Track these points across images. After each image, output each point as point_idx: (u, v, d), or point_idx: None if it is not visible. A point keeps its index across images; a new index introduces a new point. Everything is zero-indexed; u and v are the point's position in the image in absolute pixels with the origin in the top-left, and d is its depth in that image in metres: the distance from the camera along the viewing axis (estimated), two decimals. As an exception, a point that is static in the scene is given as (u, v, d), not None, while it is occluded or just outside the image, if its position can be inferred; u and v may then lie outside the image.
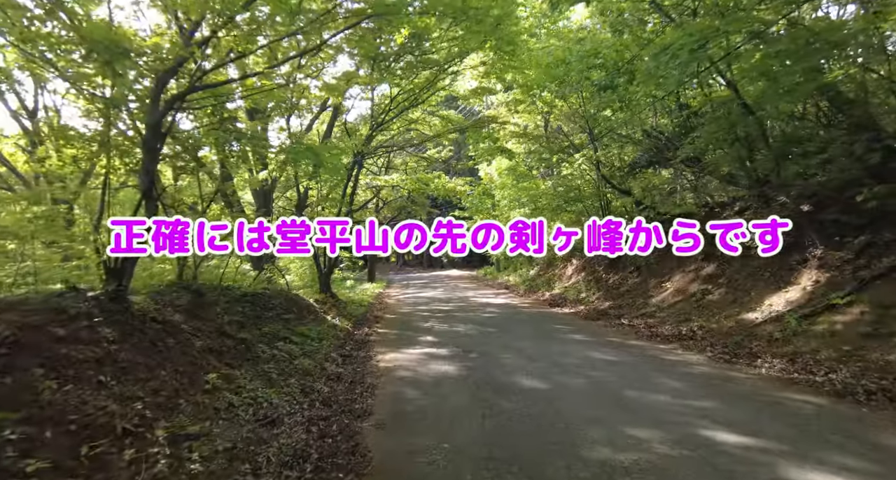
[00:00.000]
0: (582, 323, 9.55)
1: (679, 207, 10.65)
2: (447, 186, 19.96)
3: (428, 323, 10.14)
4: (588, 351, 6.87)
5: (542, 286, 16.14)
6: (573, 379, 5.40)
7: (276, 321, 7.27)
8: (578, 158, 10.16)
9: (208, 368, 4.41)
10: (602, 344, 7.34)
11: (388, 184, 19.41)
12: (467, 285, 20.53)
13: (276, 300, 8.10)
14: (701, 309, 8.45)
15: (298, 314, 8.61)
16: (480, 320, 10.37)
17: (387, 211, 26.89)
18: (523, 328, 9.23)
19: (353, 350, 7.61)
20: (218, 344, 4.99)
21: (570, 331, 8.60)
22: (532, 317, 10.55)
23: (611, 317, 9.84)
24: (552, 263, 17.90)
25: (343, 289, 17.51)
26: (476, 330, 9.06)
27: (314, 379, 5.60)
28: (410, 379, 5.72)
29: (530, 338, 8.04)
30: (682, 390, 4.88)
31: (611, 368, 5.87)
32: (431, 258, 38.83)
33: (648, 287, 10.83)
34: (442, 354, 7.07)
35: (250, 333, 6.02)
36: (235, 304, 6.49)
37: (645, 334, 8.01)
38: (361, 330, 9.50)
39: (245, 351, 5.44)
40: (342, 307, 11.71)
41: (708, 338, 7.10)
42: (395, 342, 8.32)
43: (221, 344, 5.05)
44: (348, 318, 10.60)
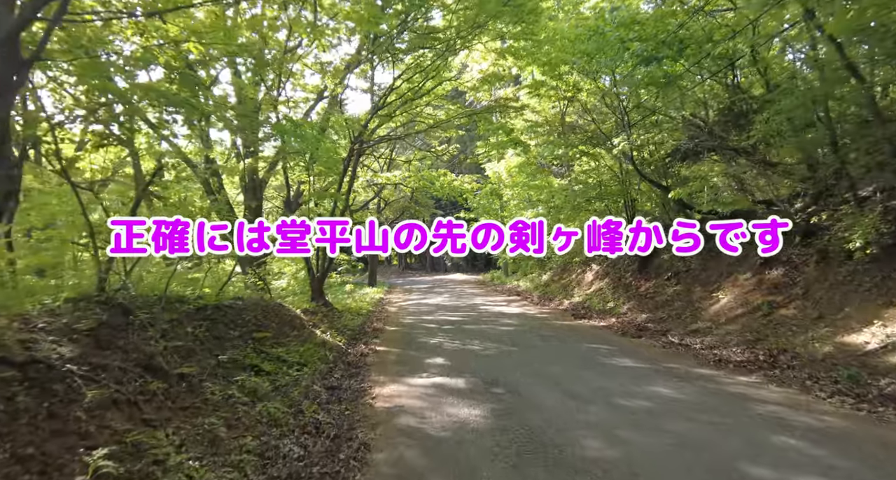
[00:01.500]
0: (621, 341, 7.85)
1: (729, 205, 8.95)
2: (453, 184, 18.31)
3: (435, 339, 8.45)
4: (650, 385, 5.17)
5: (559, 293, 14.43)
6: (655, 440, 3.69)
7: (245, 342, 5.58)
8: (618, 143, 8.48)
9: (101, 437, 2.73)
10: (662, 374, 5.63)
11: (391, 182, 17.76)
12: (474, 290, 18.83)
13: (250, 313, 6.41)
14: (774, 327, 6.74)
15: (279, 330, 6.93)
16: (497, 335, 8.67)
17: (389, 212, 25.25)
18: (552, 347, 7.53)
19: (343, 378, 5.91)
20: (135, 388, 3.30)
21: (611, 353, 6.90)
22: (558, 332, 8.85)
23: (654, 334, 8.14)
24: (567, 268, 16.21)
25: (341, 295, 15.83)
26: (494, 350, 7.36)
27: (283, 432, 3.92)
28: (418, 435, 4.02)
29: (565, 362, 6.35)
30: (841, 468, 3.18)
31: (696, 416, 4.17)
32: (435, 261, 37.14)
33: (693, 296, 9.13)
34: (457, 387, 5.37)
35: (200, 364, 4.34)
36: (186, 323, 4.81)
37: (709, 359, 6.31)
38: (356, 349, 7.81)
39: (184, 395, 3.77)
40: (336, 318, 10.02)
41: (800, 368, 5.41)
42: (396, 366, 6.63)
43: (142, 387, 3.37)
44: (342, 332, 8.91)
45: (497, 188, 20.42)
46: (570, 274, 15.46)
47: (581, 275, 14.63)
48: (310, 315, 9.25)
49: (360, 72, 14.19)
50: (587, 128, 11.34)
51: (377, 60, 10.22)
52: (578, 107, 11.90)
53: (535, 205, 17.36)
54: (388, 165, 20.27)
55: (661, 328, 8.44)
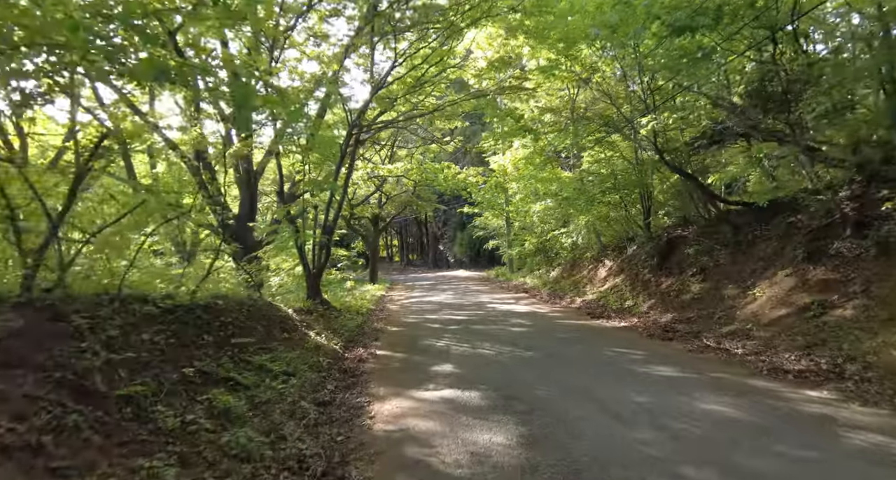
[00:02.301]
0: (649, 345, 6.95)
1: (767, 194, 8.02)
2: (457, 178, 17.42)
3: (441, 342, 7.56)
4: (702, 402, 4.27)
5: (570, 290, 13.52)
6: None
7: (221, 350, 4.69)
8: (646, 123, 7.54)
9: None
10: (711, 387, 4.74)
11: (392, 175, 16.84)
12: (479, 287, 17.93)
13: (230, 315, 5.52)
14: (830, 331, 5.81)
15: (266, 333, 6.04)
16: (510, 337, 7.78)
17: (390, 207, 24.34)
18: (574, 351, 6.63)
19: (337, 391, 5.04)
20: (44, 424, 2.41)
21: (642, 359, 6.00)
22: (576, 334, 7.95)
23: (684, 336, 7.23)
24: (578, 263, 15.30)
25: (341, 292, 14.95)
26: (510, 355, 6.47)
27: (255, 470, 3.03)
28: (427, 473, 3.14)
29: (593, 371, 5.45)
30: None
31: (777, 448, 3.27)
32: (437, 257, 36.27)
33: (724, 294, 8.21)
34: (471, 403, 4.49)
35: (157, 381, 3.45)
36: (144, 328, 3.91)
37: (759, 367, 5.41)
38: (354, 353, 6.93)
39: (126, 425, 2.88)
40: (333, 317, 9.13)
41: (878, 381, 4.50)
42: (398, 374, 5.74)
43: (57, 421, 2.48)
44: (339, 333, 8.02)
45: (502, 181, 19.50)
46: (581, 271, 14.54)
47: (593, 272, 13.71)
48: (304, 314, 8.37)
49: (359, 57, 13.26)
50: (603, 112, 10.38)
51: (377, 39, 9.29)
52: (593, 91, 10.94)
53: (544, 198, 16.45)
54: (390, 158, 19.35)
55: (691, 329, 7.53)
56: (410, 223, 39.67)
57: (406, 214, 28.92)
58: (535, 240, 17.84)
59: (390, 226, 35.35)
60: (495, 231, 23.31)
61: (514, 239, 20.51)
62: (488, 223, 22.90)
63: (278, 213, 9.76)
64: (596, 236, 14.55)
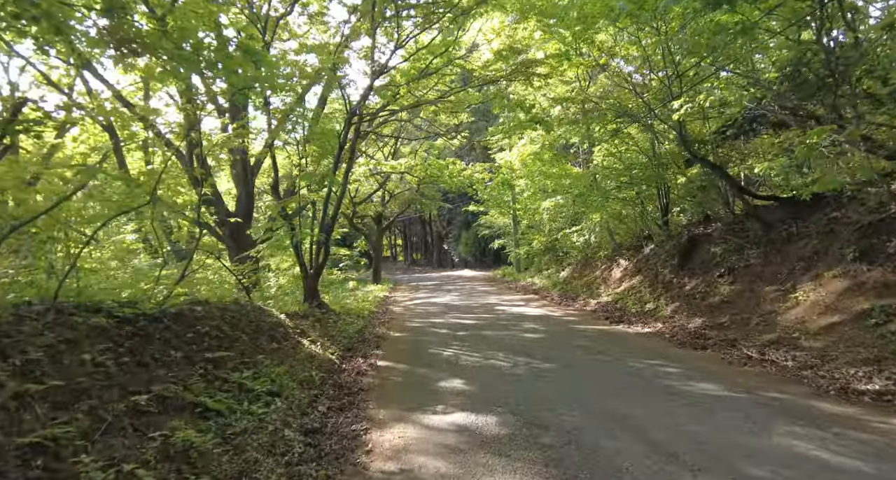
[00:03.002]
0: (682, 355, 6.13)
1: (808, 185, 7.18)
2: (463, 174, 16.62)
3: (449, 350, 6.78)
4: (770, 436, 3.46)
5: (583, 291, 12.71)
6: None
7: (190, 367, 3.92)
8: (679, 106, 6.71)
9: None
10: (771, 412, 3.92)
11: (395, 171, 16.07)
12: (486, 288, 17.14)
13: (208, 324, 4.75)
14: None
15: (251, 343, 5.28)
16: (524, 345, 6.99)
17: (394, 205, 23.57)
18: (599, 363, 5.83)
19: (329, 414, 4.26)
20: None
21: (679, 373, 5.20)
22: (597, 341, 7.15)
23: (719, 345, 6.41)
24: (590, 263, 14.47)
25: (342, 293, 14.20)
26: (526, 368, 5.67)
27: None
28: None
29: (628, 389, 4.65)
30: None
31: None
32: (441, 256, 35.48)
33: (760, 298, 7.38)
34: (489, 433, 3.70)
35: (92, 416, 2.69)
36: (86, 345, 3.14)
37: (821, 385, 4.58)
38: (353, 364, 6.15)
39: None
40: (331, 322, 8.36)
41: (979, 405, 3.69)
42: (401, 392, 4.96)
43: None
44: (337, 341, 7.25)
45: (509, 178, 18.69)
46: (594, 271, 13.72)
47: (607, 272, 12.89)
48: (299, 320, 7.61)
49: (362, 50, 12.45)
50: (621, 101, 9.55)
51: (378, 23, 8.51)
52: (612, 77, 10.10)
53: (553, 195, 15.63)
54: (394, 154, 18.58)
55: (725, 337, 6.71)
56: (414, 222, 38.91)
57: (410, 213, 28.16)
58: (543, 239, 17.03)
59: (394, 225, 34.63)
60: (501, 230, 22.52)
61: (522, 238, 19.71)
62: (494, 221, 22.11)
63: (273, 210, 9.00)
64: (609, 235, 13.73)
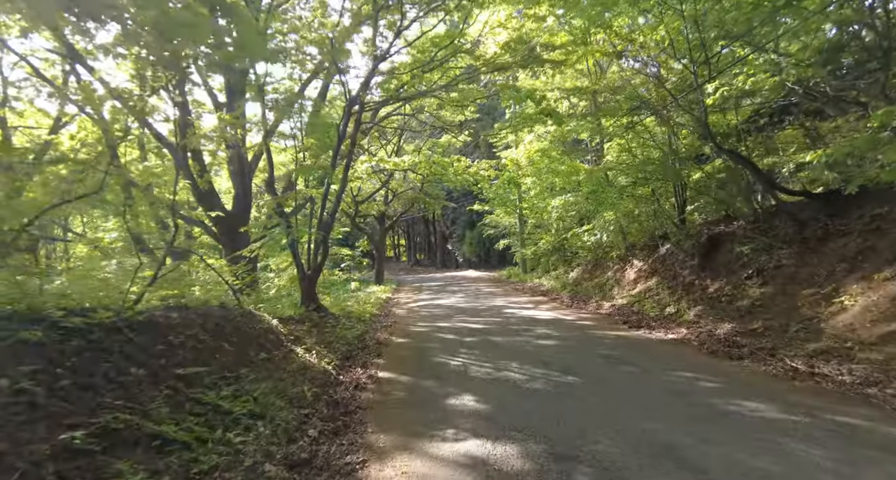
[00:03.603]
0: (718, 367, 5.45)
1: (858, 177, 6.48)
2: (468, 171, 15.98)
3: (457, 359, 6.13)
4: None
5: (595, 293, 12.03)
6: None
7: (154, 387, 3.28)
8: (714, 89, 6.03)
9: None
10: (850, 445, 3.25)
11: (399, 168, 15.42)
12: (492, 289, 16.46)
13: (185, 332, 4.12)
14: (977, 354, 4.32)
15: (236, 353, 4.64)
16: (539, 353, 6.32)
17: (397, 204, 22.94)
18: (626, 375, 5.15)
19: (320, 441, 3.61)
20: None
21: (721, 389, 4.52)
22: (620, 349, 6.47)
23: (756, 354, 5.73)
24: (600, 263, 13.79)
25: (344, 294, 13.58)
26: (545, 381, 5.01)
27: None
28: None
29: (667, 410, 3.98)
30: None
31: None
32: (445, 257, 34.83)
33: (797, 302, 6.70)
34: (511, 470, 3.04)
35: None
36: (8, 367, 2.50)
37: (895, 406, 3.91)
38: (351, 375, 5.51)
39: None
40: (329, 327, 7.72)
41: None
42: (405, 411, 4.31)
43: None
44: (335, 348, 6.61)
45: (515, 176, 18.02)
46: (605, 272, 13.04)
47: (620, 273, 12.21)
48: (294, 324, 6.98)
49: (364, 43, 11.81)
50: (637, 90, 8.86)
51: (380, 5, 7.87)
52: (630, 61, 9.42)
53: (562, 193, 14.95)
54: (397, 152, 17.94)
55: (762, 345, 6.03)
56: (418, 221, 38.29)
57: (413, 212, 27.52)
58: (551, 239, 16.35)
59: (397, 225, 34.01)
60: (507, 229, 21.85)
61: (528, 237, 19.04)
62: (499, 221, 21.43)
63: (267, 206, 8.38)
64: (621, 234, 13.05)
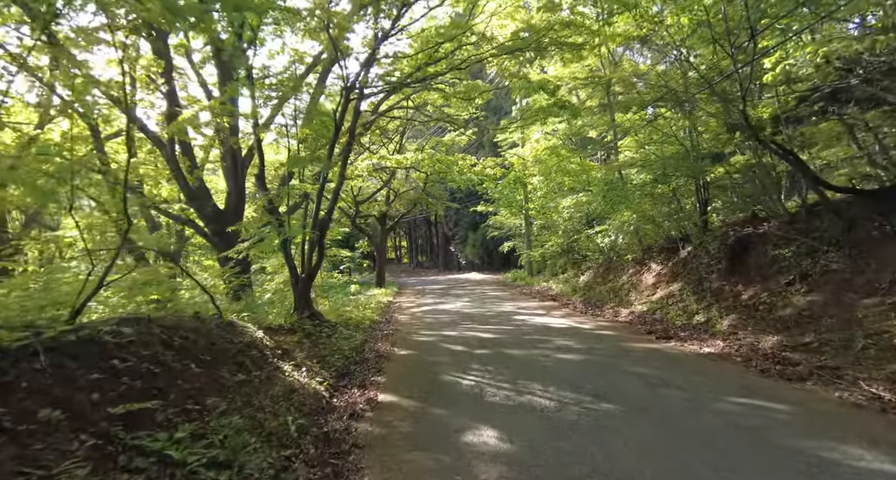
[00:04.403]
0: (777, 390, 4.56)
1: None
2: (473, 170, 15.13)
3: (470, 378, 5.25)
4: None
5: (610, 299, 11.15)
6: None
7: (72, 436, 2.40)
8: (773, 63, 5.15)
9: None
10: None
11: (401, 166, 14.57)
12: (498, 293, 15.59)
13: (140, 352, 3.23)
14: None
15: (206, 376, 3.76)
16: (563, 371, 5.44)
17: (398, 204, 22.09)
18: (672, 403, 4.27)
19: (301, 502, 2.74)
20: None
21: (799, 423, 3.64)
22: (653, 365, 5.58)
23: (817, 374, 4.83)
24: (613, 266, 12.92)
25: (343, 297, 12.71)
26: (579, 409, 4.12)
27: None
28: None
29: (742, 457, 3.10)
30: None
31: None
32: (447, 259, 33.94)
33: (855, 312, 5.82)
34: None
35: None
36: None
37: None
38: (346, 399, 4.64)
39: None
40: (325, 337, 6.83)
41: None
42: (412, 452, 3.43)
43: None
44: (329, 363, 5.73)
45: (521, 176, 17.17)
46: (619, 275, 12.15)
47: (636, 276, 11.33)
48: (283, 335, 6.10)
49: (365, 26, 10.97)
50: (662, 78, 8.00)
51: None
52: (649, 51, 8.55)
53: (571, 193, 14.10)
54: (399, 150, 17.10)
55: (821, 363, 5.13)
56: (420, 223, 37.45)
57: (415, 213, 26.67)
58: (559, 241, 15.48)
59: (399, 226, 33.17)
60: (512, 231, 20.99)
61: (535, 239, 18.18)
62: (504, 222, 20.57)
63: (258, 203, 7.53)
64: (636, 236, 12.18)
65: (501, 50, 8.15)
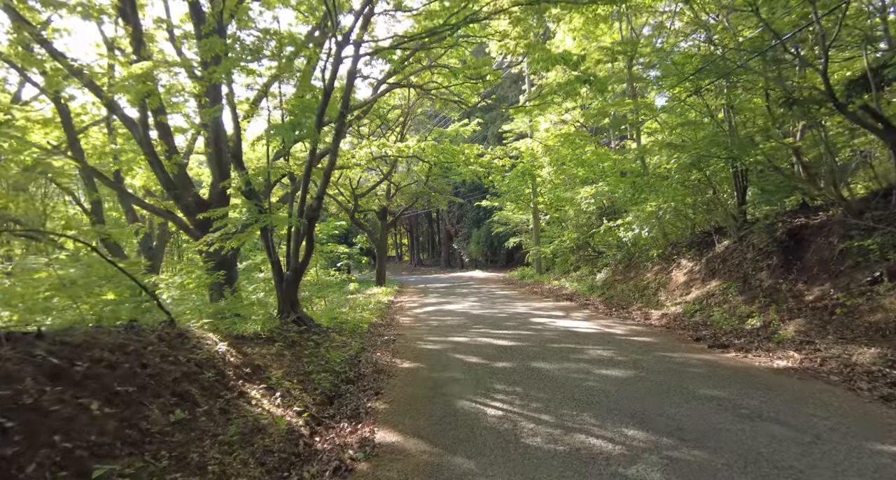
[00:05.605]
0: (925, 428, 3.28)
1: None
2: (480, 160, 13.83)
3: (495, 405, 3.96)
4: None
5: (634, 299, 9.86)
6: None
7: None
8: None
9: None
10: None
11: (403, 155, 13.26)
12: (506, 292, 14.29)
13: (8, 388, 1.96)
14: None
15: (120, 419, 2.46)
16: (616, 395, 4.14)
17: (399, 199, 20.77)
18: (782, 447, 2.96)
19: None
20: None
21: None
22: (726, 387, 4.28)
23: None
24: (635, 264, 11.62)
25: (340, 297, 11.42)
26: (664, 464, 2.83)
27: None
28: None
29: None
30: None
31: None
32: (450, 256, 32.63)
33: (980, 318, 4.52)
34: None
35: None
36: None
37: None
38: (332, 438, 3.34)
39: None
40: (312, 346, 5.51)
41: None
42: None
43: None
44: (314, 383, 4.43)
45: (530, 167, 15.85)
46: (644, 273, 10.85)
47: (664, 274, 10.03)
48: (259, 346, 4.79)
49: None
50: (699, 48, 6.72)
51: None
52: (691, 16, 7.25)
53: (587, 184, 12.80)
54: (401, 139, 15.78)
55: (954, 385, 3.85)
56: (422, 219, 36.14)
57: (417, 208, 25.36)
58: (574, 236, 14.17)
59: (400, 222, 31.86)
60: (518, 226, 19.69)
61: (544, 234, 16.87)
62: (510, 217, 19.26)
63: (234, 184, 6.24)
64: (660, 229, 10.90)
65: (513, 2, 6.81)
